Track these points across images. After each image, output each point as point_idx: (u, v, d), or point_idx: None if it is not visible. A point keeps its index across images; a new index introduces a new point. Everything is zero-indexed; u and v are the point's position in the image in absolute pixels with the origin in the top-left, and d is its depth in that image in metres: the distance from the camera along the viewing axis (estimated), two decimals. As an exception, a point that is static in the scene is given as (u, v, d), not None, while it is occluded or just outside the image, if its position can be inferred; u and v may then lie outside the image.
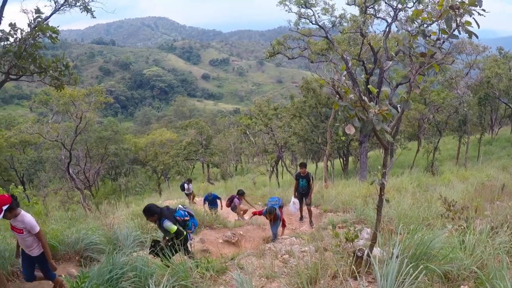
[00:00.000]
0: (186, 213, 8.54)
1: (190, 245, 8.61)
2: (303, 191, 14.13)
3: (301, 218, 14.88)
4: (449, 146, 45.07)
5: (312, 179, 14.33)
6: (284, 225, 12.39)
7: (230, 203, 16.71)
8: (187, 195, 21.77)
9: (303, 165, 14.38)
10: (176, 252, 7.76)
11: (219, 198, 17.75)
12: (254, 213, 13.13)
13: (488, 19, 4.31)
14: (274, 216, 11.60)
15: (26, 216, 6.84)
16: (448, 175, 18.92)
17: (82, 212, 20.23)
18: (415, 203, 10.20)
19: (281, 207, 12.74)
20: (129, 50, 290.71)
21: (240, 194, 16.93)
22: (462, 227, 6.87)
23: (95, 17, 12.66)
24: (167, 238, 8.15)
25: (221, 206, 17.39)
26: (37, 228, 6.84)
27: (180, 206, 8.72)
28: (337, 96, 4.34)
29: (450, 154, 42.80)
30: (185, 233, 8.04)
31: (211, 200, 17.32)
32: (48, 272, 7.23)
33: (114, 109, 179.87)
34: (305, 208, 14.51)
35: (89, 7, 11.86)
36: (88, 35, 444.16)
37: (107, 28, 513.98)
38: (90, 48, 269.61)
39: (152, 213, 7.86)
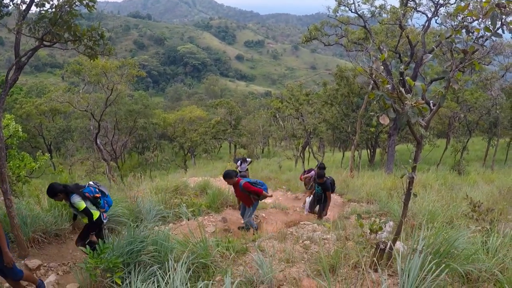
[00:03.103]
0: (97, 190, 7.87)
1: (104, 227, 7.98)
2: (318, 197, 12.54)
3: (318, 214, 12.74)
4: (478, 147, 44.70)
5: (331, 190, 12.46)
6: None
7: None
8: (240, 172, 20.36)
9: (320, 176, 12.28)
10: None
11: None
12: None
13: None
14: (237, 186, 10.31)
15: None
16: (474, 176, 18.71)
17: (107, 183, 20.43)
18: (439, 200, 10.04)
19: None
20: (165, 26, 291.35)
21: (322, 168, 13.60)
22: (485, 228, 6.77)
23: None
24: (83, 221, 7.66)
25: None
26: None
27: (91, 182, 8.06)
28: (374, 85, 4.27)
29: (477, 155, 42.49)
30: (97, 212, 7.61)
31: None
32: (10, 271, 6.15)
33: (145, 83, 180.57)
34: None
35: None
36: (124, 8, 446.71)
37: (144, 2, 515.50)
38: (126, 21, 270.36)
39: (55, 191, 7.24)
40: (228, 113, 58.02)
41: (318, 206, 12.67)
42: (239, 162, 19.20)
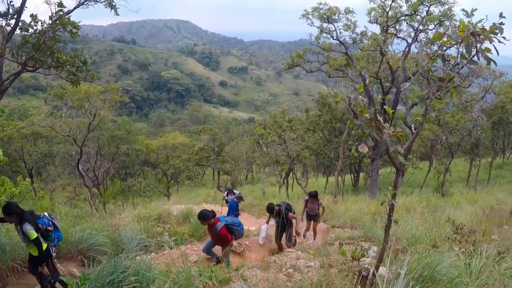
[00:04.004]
0: (51, 223, 7.62)
1: (53, 260, 7.70)
2: (280, 227, 12.08)
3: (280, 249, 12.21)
4: (460, 168, 45.27)
5: (291, 211, 12.16)
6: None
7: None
8: (227, 202, 18.45)
9: (270, 209, 12.19)
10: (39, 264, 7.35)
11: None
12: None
13: (504, 46, 4.29)
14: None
15: None
16: (457, 197, 18.82)
17: (89, 210, 20.18)
18: (423, 223, 10.07)
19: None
20: (149, 51, 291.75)
21: (312, 195, 13.19)
22: (469, 250, 6.78)
23: (119, 14, 12.61)
24: (29, 250, 7.44)
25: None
26: None
27: (45, 213, 7.76)
28: (353, 114, 4.28)
29: (460, 176, 42.95)
30: (45, 245, 7.33)
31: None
32: None
33: (129, 109, 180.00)
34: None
35: (113, 4, 11.78)
36: (109, 32, 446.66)
37: (129, 27, 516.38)
38: (110, 45, 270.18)
39: (11, 212, 7.06)
40: (212, 139, 57.96)
41: (283, 234, 12.25)
42: (226, 192, 18.82)
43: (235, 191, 18.96)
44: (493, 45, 4.16)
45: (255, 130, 45.00)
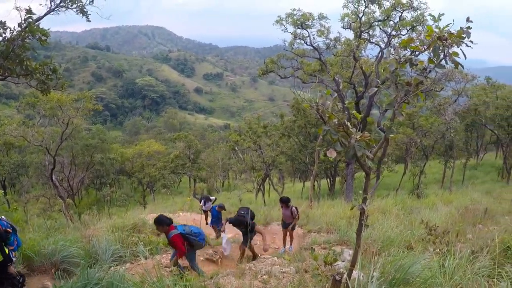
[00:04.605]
0: (9, 225, 7.30)
1: (14, 264, 7.32)
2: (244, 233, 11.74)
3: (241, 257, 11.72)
4: (435, 170, 45.84)
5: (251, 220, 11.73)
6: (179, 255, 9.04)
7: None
8: (204, 211, 19.07)
9: (239, 222, 11.71)
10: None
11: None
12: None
13: (478, 49, 4.33)
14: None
15: None
16: (432, 198, 19.08)
17: (64, 221, 19.90)
18: (399, 225, 10.13)
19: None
20: (124, 58, 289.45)
21: (283, 201, 13.00)
22: (442, 251, 6.83)
23: (90, 21, 12.53)
24: None
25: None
26: None
27: (3, 217, 7.49)
28: (321, 120, 4.30)
29: (435, 177, 43.52)
30: (6, 249, 7.00)
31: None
32: None
33: (103, 117, 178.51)
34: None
35: (85, 10, 11.69)
36: (83, 39, 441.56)
37: (104, 33, 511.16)
38: (84, 52, 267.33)
39: None
40: (187, 147, 57.65)
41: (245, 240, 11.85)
42: (203, 201, 18.78)
43: (211, 197, 19.02)
44: (461, 49, 4.19)
45: (230, 136, 44.95)
